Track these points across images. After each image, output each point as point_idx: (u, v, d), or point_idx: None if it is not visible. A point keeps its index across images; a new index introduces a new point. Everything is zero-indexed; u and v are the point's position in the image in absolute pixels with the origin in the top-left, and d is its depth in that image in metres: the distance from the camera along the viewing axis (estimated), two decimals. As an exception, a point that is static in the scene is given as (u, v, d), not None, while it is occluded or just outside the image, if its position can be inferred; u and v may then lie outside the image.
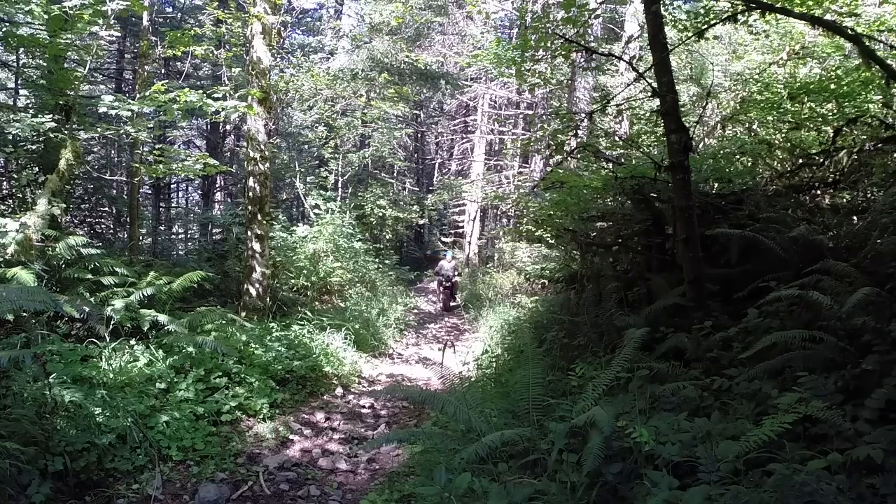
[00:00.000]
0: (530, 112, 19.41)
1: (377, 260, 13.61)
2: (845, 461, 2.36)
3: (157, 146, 9.16)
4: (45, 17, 5.72)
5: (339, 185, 15.17)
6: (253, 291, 7.58)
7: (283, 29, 9.90)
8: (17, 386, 3.91)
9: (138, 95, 7.23)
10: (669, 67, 4.51)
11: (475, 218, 21.63)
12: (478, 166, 20.93)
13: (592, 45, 6.41)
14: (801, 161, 5.59)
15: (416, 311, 13.69)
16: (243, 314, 7.33)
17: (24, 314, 4.89)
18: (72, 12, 5.72)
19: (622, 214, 6.54)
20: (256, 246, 7.57)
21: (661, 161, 5.10)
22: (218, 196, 17.13)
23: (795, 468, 2.32)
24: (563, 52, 5.85)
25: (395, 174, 21.68)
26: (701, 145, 7.26)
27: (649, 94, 4.84)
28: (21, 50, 6.90)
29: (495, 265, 16.98)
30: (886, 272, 3.44)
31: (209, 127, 16.16)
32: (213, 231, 12.90)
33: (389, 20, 11.97)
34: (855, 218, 4.84)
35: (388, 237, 18.26)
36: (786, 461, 2.44)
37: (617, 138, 8.35)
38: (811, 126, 5.90)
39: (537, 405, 3.74)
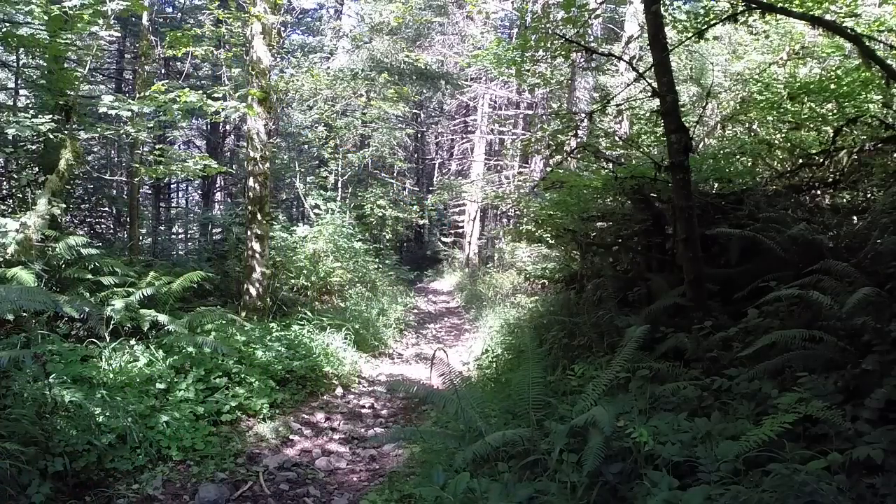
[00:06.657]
0: (530, 112, 19.43)
1: (377, 260, 13.61)
2: (845, 461, 2.36)
3: (157, 146, 9.17)
4: (45, 17, 5.72)
5: (339, 185, 15.16)
6: (253, 291, 7.58)
7: (283, 29, 9.89)
8: (17, 386, 3.91)
9: (138, 95, 7.23)
10: (669, 67, 4.51)
11: (475, 218, 21.63)
12: (478, 166, 20.94)
13: (592, 45, 6.40)
14: (801, 161, 5.60)
15: (415, 311, 13.69)
16: (243, 314, 7.33)
17: (24, 314, 4.89)
18: (72, 12, 5.73)
19: (622, 214, 6.54)
20: (256, 246, 7.57)
21: (661, 161, 5.10)
22: (218, 196, 17.16)
23: (795, 468, 2.32)
24: (563, 52, 5.86)
25: (395, 174, 21.67)
26: (701, 145, 7.26)
27: (649, 94, 4.84)
28: (21, 50, 6.90)
29: (495, 265, 16.98)
30: (886, 272, 3.45)
31: (209, 127, 16.17)
32: (213, 231, 12.90)
33: (389, 20, 11.96)
34: (855, 218, 4.84)
35: (388, 237, 18.25)
36: (786, 461, 2.44)
37: (617, 138, 8.35)
38: (811, 126, 5.90)
39: (537, 405, 3.74)
